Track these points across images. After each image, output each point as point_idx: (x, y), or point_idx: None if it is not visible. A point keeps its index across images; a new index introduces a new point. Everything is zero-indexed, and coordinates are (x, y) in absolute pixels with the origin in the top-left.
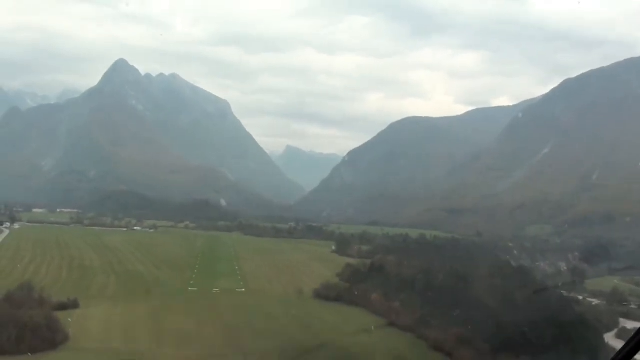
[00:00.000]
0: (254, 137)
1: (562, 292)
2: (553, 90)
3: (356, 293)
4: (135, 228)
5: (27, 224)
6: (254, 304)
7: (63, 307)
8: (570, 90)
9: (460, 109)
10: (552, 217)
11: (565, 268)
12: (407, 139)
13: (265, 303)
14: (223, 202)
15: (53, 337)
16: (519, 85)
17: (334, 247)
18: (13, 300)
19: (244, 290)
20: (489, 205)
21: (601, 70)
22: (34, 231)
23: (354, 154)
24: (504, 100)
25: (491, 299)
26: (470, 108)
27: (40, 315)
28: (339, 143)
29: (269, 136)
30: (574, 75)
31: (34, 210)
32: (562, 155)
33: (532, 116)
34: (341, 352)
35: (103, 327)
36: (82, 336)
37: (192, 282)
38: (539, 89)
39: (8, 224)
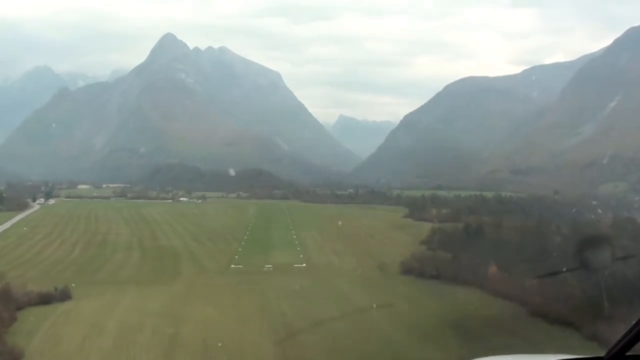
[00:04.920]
0: (307, 107)
1: None
2: (616, 41)
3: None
4: (181, 199)
5: (65, 199)
6: (320, 285)
7: (46, 300)
8: (634, 39)
9: (513, 69)
10: (627, 174)
11: None
12: (464, 100)
13: (337, 283)
14: (276, 171)
15: None
16: (572, 42)
17: (407, 211)
18: None
19: (304, 265)
20: (557, 164)
21: None
22: (67, 206)
23: (410, 118)
24: (559, 58)
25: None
26: (524, 67)
27: None
28: (392, 110)
29: (322, 107)
30: (629, 26)
31: (79, 186)
32: (632, 108)
33: (595, 70)
34: None
35: (88, 334)
36: (44, 354)
37: (236, 257)
38: (594, 44)
39: (42, 200)
